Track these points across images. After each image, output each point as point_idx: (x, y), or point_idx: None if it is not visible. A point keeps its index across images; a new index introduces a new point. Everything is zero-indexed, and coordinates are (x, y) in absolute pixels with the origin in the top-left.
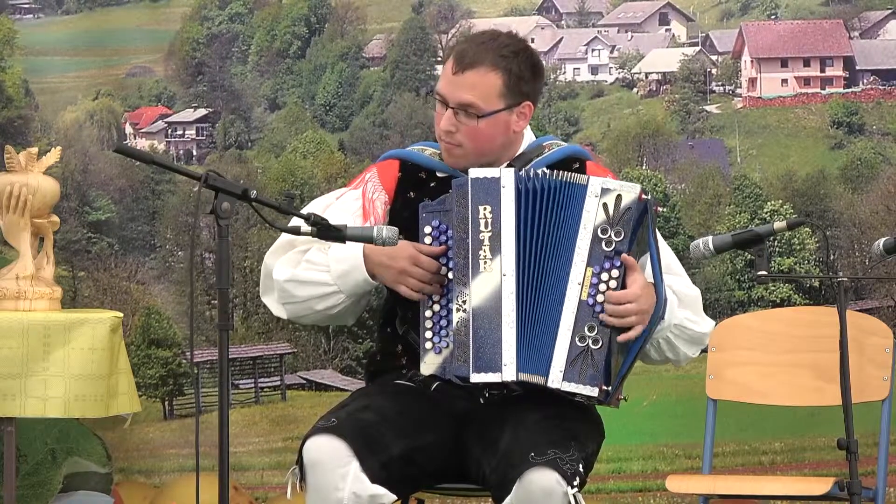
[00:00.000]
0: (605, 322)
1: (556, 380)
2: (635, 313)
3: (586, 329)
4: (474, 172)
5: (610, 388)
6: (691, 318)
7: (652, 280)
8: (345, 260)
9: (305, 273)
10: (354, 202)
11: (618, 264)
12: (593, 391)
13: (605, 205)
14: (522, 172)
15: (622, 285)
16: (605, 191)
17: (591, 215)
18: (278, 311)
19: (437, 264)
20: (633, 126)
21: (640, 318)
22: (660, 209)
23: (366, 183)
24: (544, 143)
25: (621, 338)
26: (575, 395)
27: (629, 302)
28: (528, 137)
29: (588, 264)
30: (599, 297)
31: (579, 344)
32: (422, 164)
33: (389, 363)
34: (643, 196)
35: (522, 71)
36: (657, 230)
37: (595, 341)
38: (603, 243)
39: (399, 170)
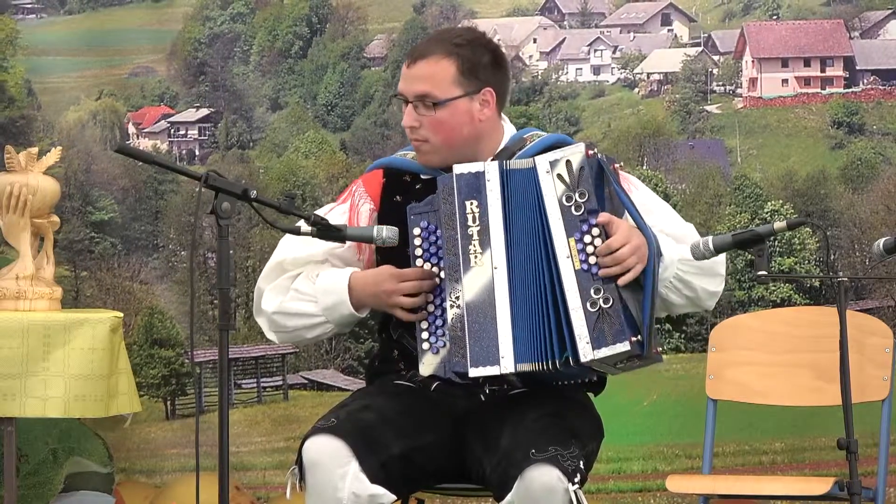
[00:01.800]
0: (606, 275)
1: (586, 353)
2: (631, 254)
3: (593, 293)
4: (458, 168)
5: (640, 336)
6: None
7: (633, 224)
8: (332, 293)
9: (293, 304)
10: (342, 216)
11: (594, 222)
12: (625, 346)
13: (559, 175)
14: (506, 165)
15: (606, 238)
16: (553, 163)
17: (551, 191)
18: (270, 335)
19: (420, 271)
20: (633, 126)
21: (638, 258)
22: (618, 165)
23: (353, 195)
24: (525, 136)
25: (623, 280)
26: (612, 358)
27: (619, 247)
28: (509, 131)
29: (568, 235)
30: (592, 260)
31: (591, 310)
32: (404, 168)
33: (388, 367)
34: (590, 152)
35: (478, 56)
36: (646, 186)
37: (606, 300)
38: (572, 209)
39: (383, 176)
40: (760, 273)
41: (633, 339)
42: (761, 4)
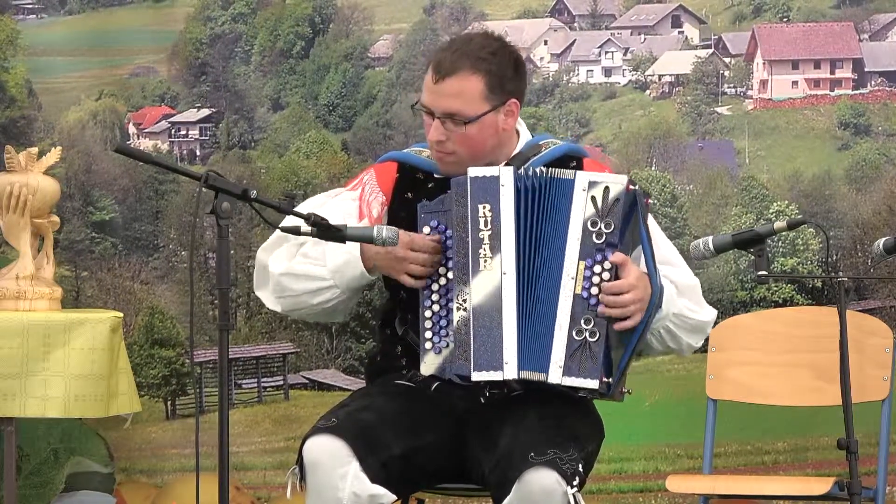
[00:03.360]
0: (602, 314)
1: (556, 375)
2: (633, 302)
3: (583, 322)
4: (473, 171)
5: (611, 379)
6: (691, 306)
7: (646, 270)
8: (342, 253)
9: (301, 266)
10: (351, 203)
11: (609, 256)
12: (594, 383)
13: (593, 198)
14: (521, 171)
15: (615, 276)
16: (592, 184)
17: (580, 209)
18: (273, 304)
19: (432, 243)
20: (644, 127)
21: (639, 307)
22: (650, 201)
23: (364, 185)
24: (541, 143)
25: (618, 326)
26: (577, 389)
27: (626, 291)
28: (525, 136)
29: (580, 258)
30: (594, 290)
31: (576, 338)
32: (419, 166)
33: (389, 364)
34: (630, 187)
35: (503, 69)
36: (655, 221)
37: (592, 334)
38: (593, 236)
39: (397, 171)
40: (760, 273)
41: (604, 379)
42: (771, 7)
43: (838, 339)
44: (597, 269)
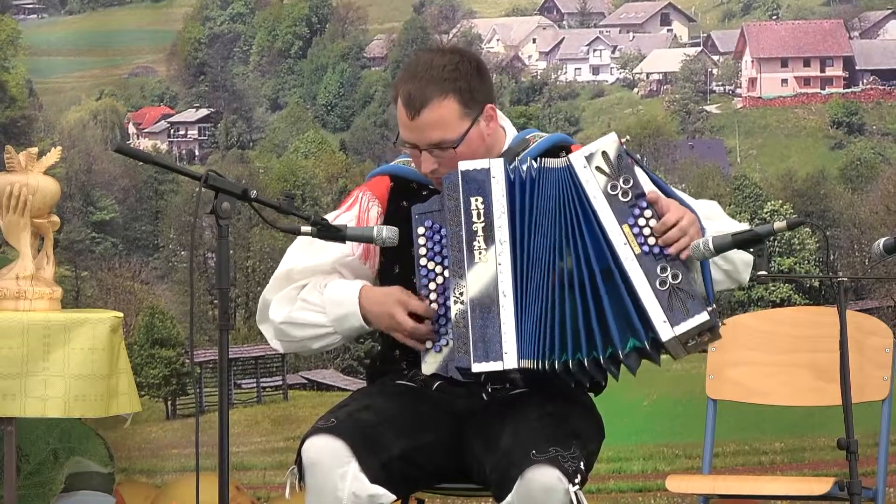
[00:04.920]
0: (671, 254)
1: (665, 332)
2: (690, 225)
3: (659, 272)
4: (463, 165)
5: (713, 306)
6: (728, 223)
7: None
8: (341, 304)
9: (301, 314)
10: (349, 223)
11: (644, 204)
12: (704, 316)
13: (598, 168)
14: (511, 163)
15: (657, 216)
16: (589, 157)
17: (594, 184)
18: (275, 344)
19: (425, 306)
20: (633, 126)
21: (696, 229)
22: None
23: (359, 201)
24: (528, 136)
25: (685, 254)
26: (691, 332)
27: (675, 223)
28: (511, 132)
29: (621, 223)
30: (650, 241)
31: (662, 289)
32: (411, 178)
33: (390, 367)
34: (622, 140)
35: (471, 82)
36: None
37: (674, 276)
38: (619, 196)
39: (390, 181)
40: (760, 273)
41: (710, 308)
42: (761, 4)
43: (838, 339)
44: (641, 222)
